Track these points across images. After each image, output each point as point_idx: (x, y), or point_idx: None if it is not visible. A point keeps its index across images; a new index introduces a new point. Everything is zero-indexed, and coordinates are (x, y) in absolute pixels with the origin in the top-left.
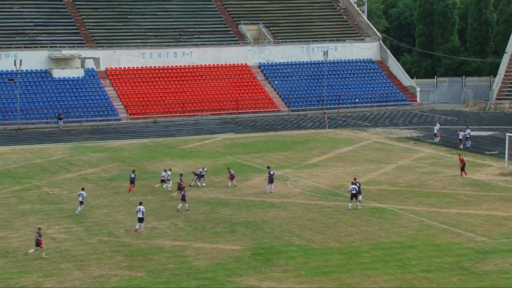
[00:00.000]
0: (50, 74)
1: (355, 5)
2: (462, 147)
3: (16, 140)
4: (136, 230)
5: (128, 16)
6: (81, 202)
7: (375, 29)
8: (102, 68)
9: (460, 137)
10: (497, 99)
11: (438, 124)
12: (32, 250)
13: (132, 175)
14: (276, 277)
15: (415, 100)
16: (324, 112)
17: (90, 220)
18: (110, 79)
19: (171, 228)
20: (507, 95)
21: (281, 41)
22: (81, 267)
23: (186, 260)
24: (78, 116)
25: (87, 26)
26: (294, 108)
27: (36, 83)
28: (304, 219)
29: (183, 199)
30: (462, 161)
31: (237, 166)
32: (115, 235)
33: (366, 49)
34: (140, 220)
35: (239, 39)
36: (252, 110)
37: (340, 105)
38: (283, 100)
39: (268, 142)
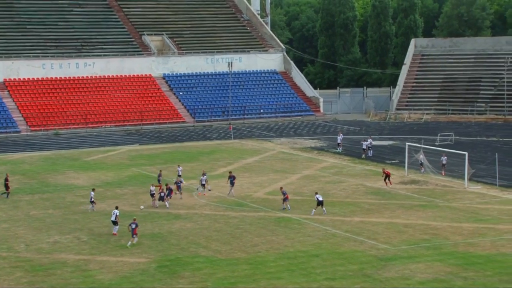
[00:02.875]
0: None
1: (259, 17)
2: (364, 157)
3: None
4: (114, 234)
5: (27, 26)
6: None
7: (278, 41)
8: (0, 79)
9: (364, 147)
10: (397, 109)
11: (341, 134)
12: (130, 243)
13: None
14: None
15: (319, 111)
16: (230, 123)
17: None
18: (8, 91)
19: (74, 242)
20: (406, 105)
21: (186, 52)
22: None
23: (89, 274)
24: None
25: None
26: (200, 119)
27: None
28: (211, 230)
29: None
30: (386, 172)
31: (142, 177)
32: (15, 250)
33: (270, 60)
34: (115, 223)
35: (143, 50)
36: (157, 122)
37: (245, 116)
38: (188, 111)
39: (173, 153)
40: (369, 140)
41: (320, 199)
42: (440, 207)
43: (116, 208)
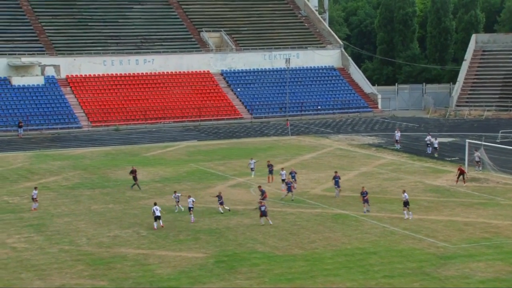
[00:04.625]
0: (10, 82)
1: (317, 13)
2: (437, 155)
3: None
4: (155, 228)
5: (89, 23)
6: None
7: (336, 37)
8: (63, 75)
9: (436, 145)
10: (457, 105)
11: (399, 131)
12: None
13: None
14: (240, 284)
15: (377, 107)
16: (287, 119)
17: (51, 229)
18: (71, 87)
19: (134, 236)
20: (466, 102)
21: (243, 49)
22: (42, 276)
23: (149, 269)
24: (39, 124)
25: (47, 33)
26: (257, 116)
27: None
28: (268, 226)
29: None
30: (461, 170)
31: (200, 173)
32: (76, 244)
33: (328, 57)
34: (158, 218)
35: (201, 46)
36: (214, 118)
37: (303, 112)
38: (245, 107)
39: (231, 149)
40: (428, 137)
41: (405, 198)
42: (501, 205)
43: (155, 204)
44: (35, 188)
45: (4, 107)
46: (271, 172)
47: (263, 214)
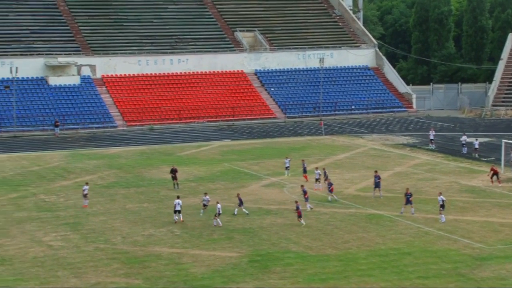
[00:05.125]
0: (46, 82)
1: (351, 12)
2: (478, 156)
3: (12, 147)
4: (176, 222)
5: (124, 24)
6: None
7: (370, 36)
8: (98, 75)
9: (476, 146)
10: (493, 105)
11: (434, 131)
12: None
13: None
14: (274, 284)
15: (411, 107)
16: (321, 119)
17: (87, 227)
18: (106, 86)
19: (168, 235)
20: (502, 101)
21: (277, 48)
22: (78, 274)
23: (183, 267)
24: (74, 124)
25: (83, 34)
26: (291, 115)
27: (32, 90)
28: (301, 225)
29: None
30: (494, 170)
31: (233, 173)
32: (112, 243)
33: (362, 56)
34: (178, 212)
35: (235, 46)
36: (248, 117)
37: (336, 112)
38: (279, 107)
39: (264, 149)
40: (464, 137)
41: (441, 202)
42: None
43: (178, 197)
44: (86, 183)
45: (41, 107)
46: (304, 171)
47: (301, 214)
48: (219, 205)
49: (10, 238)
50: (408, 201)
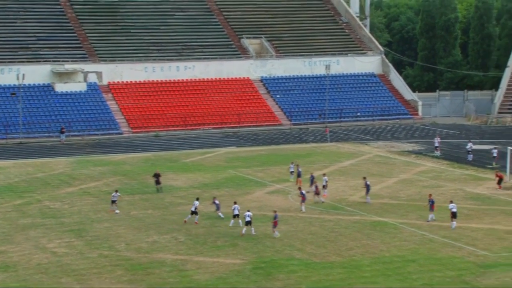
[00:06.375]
0: (53, 88)
1: (357, 19)
2: (495, 164)
3: (18, 154)
4: (185, 221)
5: (131, 31)
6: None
7: (377, 43)
8: (105, 82)
9: (495, 154)
10: (499, 112)
11: (439, 138)
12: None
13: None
14: None
15: (417, 114)
16: (326, 126)
17: (91, 234)
18: (112, 93)
19: (172, 242)
20: (509, 109)
21: (283, 55)
22: (82, 281)
23: (186, 274)
24: (80, 130)
25: (90, 41)
26: (296, 122)
27: (39, 97)
28: (305, 232)
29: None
30: (499, 176)
31: (238, 179)
32: (116, 249)
33: (368, 63)
34: (193, 213)
35: (241, 53)
36: (254, 124)
37: (342, 119)
38: (285, 114)
39: (269, 155)
40: (470, 144)
41: (454, 210)
42: None
43: (197, 199)
44: (116, 191)
45: (47, 113)
46: (298, 175)
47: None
48: (248, 213)
49: (14, 244)
50: (431, 207)
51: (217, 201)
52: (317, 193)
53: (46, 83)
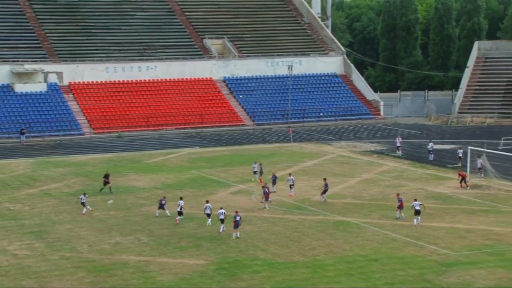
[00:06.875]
0: (12, 89)
1: (319, 20)
2: (460, 164)
3: None
4: (176, 222)
5: (92, 31)
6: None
7: (339, 44)
8: (66, 82)
9: (460, 155)
10: (459, 112)
11: (400, 138)
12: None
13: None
14: None
15: (379, 114)
16: (289, 126)
17: (52, 235)
18: (73, 94)
19: (135, 243)
20: (468, 109)
21: (246, 55)
22: (43, 283)
23: (150, 276)
24: (41, 131)
25: (50, 41)
26: (259, 122)
27: None
28: (269, 233)
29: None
30: (461, 175)
31: (201, 180)
32: (77, 251)
33: (330, 63)
34: (179, 213)
35: (203, 53)
36: (217, 124)
37: (305, 119)
38: (248, 114)
39: (233, 156)
40: (431, 144)
41: (417, 207)
42: (503, 212)
43: (181, 199)
44: (84, 194)
45: (6, 114)
46: (261, 173)
47: (236, 225)
48: (221, 211)
49: None
50: (400, 206)
51: (163, 201)
52: (266, 198)
53: (6, 84)
